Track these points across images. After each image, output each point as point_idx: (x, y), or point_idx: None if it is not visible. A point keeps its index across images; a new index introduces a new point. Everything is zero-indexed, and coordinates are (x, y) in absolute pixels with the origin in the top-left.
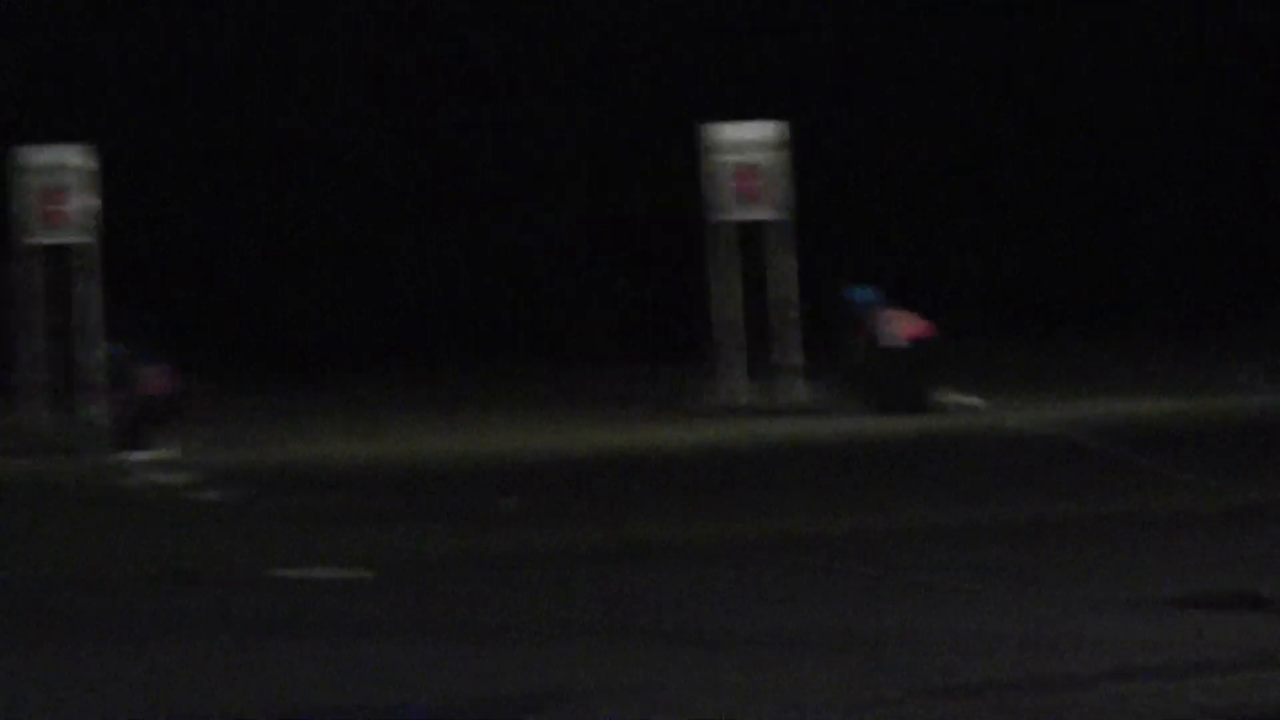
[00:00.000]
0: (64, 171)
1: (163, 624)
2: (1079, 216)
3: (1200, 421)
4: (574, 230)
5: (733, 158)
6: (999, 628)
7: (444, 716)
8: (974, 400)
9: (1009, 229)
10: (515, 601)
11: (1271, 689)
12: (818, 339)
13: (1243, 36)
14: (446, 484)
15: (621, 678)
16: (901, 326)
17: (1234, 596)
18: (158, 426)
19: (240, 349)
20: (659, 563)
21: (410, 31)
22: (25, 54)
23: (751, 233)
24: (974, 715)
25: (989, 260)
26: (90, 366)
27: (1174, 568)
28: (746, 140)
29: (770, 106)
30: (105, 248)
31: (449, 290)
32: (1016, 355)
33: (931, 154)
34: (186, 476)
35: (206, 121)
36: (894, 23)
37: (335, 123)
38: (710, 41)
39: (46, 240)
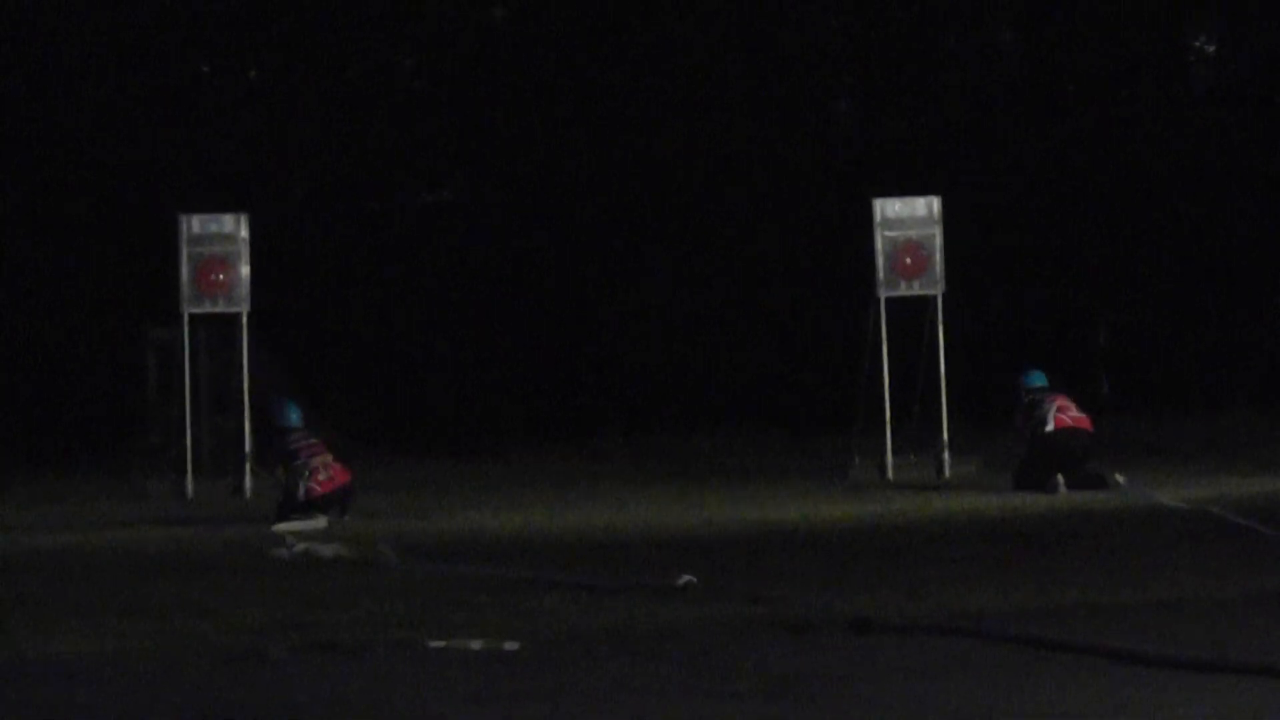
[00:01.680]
0: (224, 240)
1: (311, 695)
2: (1225, 291)
3: None
4: (730, 301)
5: (898, 233)
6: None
7: None
8: (1119, 478)
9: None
10: (666, 673)
11: None
12: (969, 414)
13: None
14: (599, 556)
15: None
16: (1069, 416)
17: None
18: (323, 513)
19: (386, 420)
20: (815, 638)
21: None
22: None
23: (906, 306)
24: None
25: (1132, 333)
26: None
27: None
28: (911, 216)
29: (918, 181)
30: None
31: (601, 362)
32: (1161, 430)
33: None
34: (340, 547)
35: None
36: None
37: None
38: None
39: (207, 309)
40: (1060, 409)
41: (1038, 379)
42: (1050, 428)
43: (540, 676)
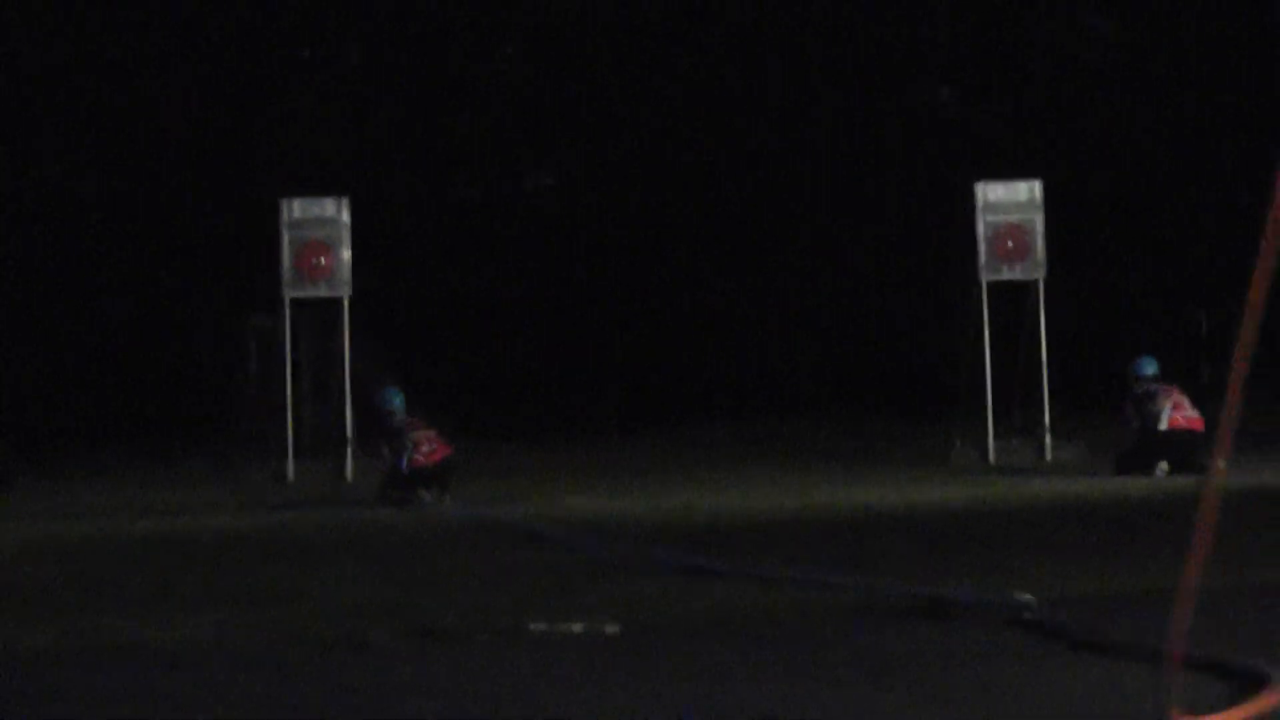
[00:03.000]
0: (324, 224)
1: (412, 680)
2: None
3: None
4: (835, 287)
5: (999, 217)
6: None
7: None
8: (1221, 464)
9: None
10: (767, 657)
11: None
12: (1070, 399)
13: None
14: (700, 540)
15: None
16: (1182, 415)
17: None
18: (424, 489)
19: (485, 405)
20: (913, 623)
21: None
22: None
23: (1008, 291)
24: None
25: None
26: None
27: None
28: (1012, 200)
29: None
30: (358, 301)
31: (705, 348)
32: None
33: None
34: (444, 529)
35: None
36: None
37: (586, 173)
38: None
39: (308, 294)
40: (1175, 407)
41: (1149, 366)
42: (1164, 426)
43: (641, 660)
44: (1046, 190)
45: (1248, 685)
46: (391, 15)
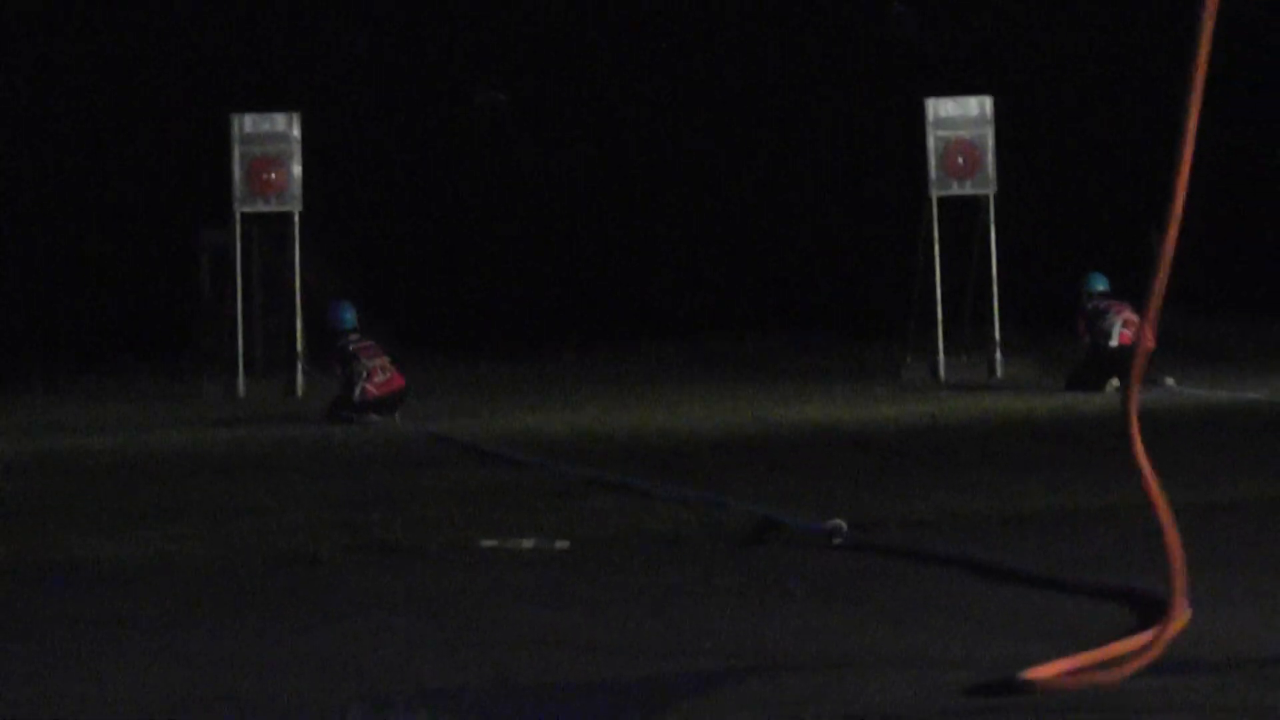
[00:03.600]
0: (275, 139)
1: (363, 594)
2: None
3: None
4: (783, 203)
5: (949, 133)
6: None
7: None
8: (1169, 380)
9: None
10: (716, 577)
11: None
12: (1021, 315)
13: None
14: (653, 458)
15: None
16: (1131, 332)
17: None
18: (375, 414)
19: (437, 322)
20: (865, 541)
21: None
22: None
23: (958, 207)
24: None
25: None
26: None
27: None
28: (963, 116)
29: (972, 82)
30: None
31: (653, 266)
32: (1214, 333)
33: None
34: (397, 447)
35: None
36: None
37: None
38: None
39: (259, 209)
40: (1126, 323)
41: (1099, 282)
42: (1114, 343)
43: (590, 576)
44: (998, 106)
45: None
46: None
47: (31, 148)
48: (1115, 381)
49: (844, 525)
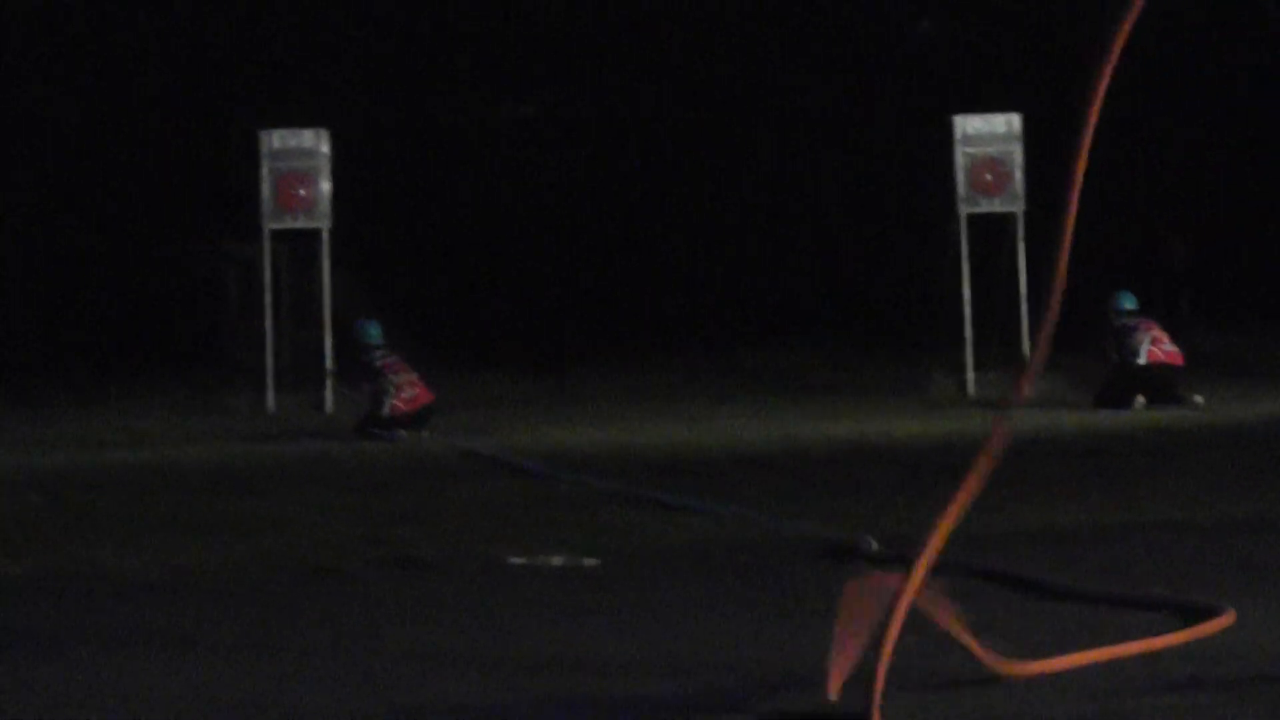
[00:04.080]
0: (305, 155)
1: (391, 610)
2: None
3: None
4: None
5: (978, 149)
6: None
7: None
8: (1197, 398)
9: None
10: (744, 591)
11: None
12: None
13: None
14: (676, 472)
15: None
16: (1161, 350)
17: None
18: (402, 429)
19: (466, 336)
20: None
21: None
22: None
23: (988, 225)
24: None
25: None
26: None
27: None
28: (991, 133)
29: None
30: (338, 232)
31: (683, 279)
32: (1244, 349)
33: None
34: (425, 463)
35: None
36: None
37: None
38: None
39: (288, 225)
40: (1155, 341)
41: (1128, 301)
42: (1143, 361)
43: (618, 593)
44: (1027, 123)
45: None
46: None
47: (61, 162)
48: (1142, 398)
49: (872, 541)
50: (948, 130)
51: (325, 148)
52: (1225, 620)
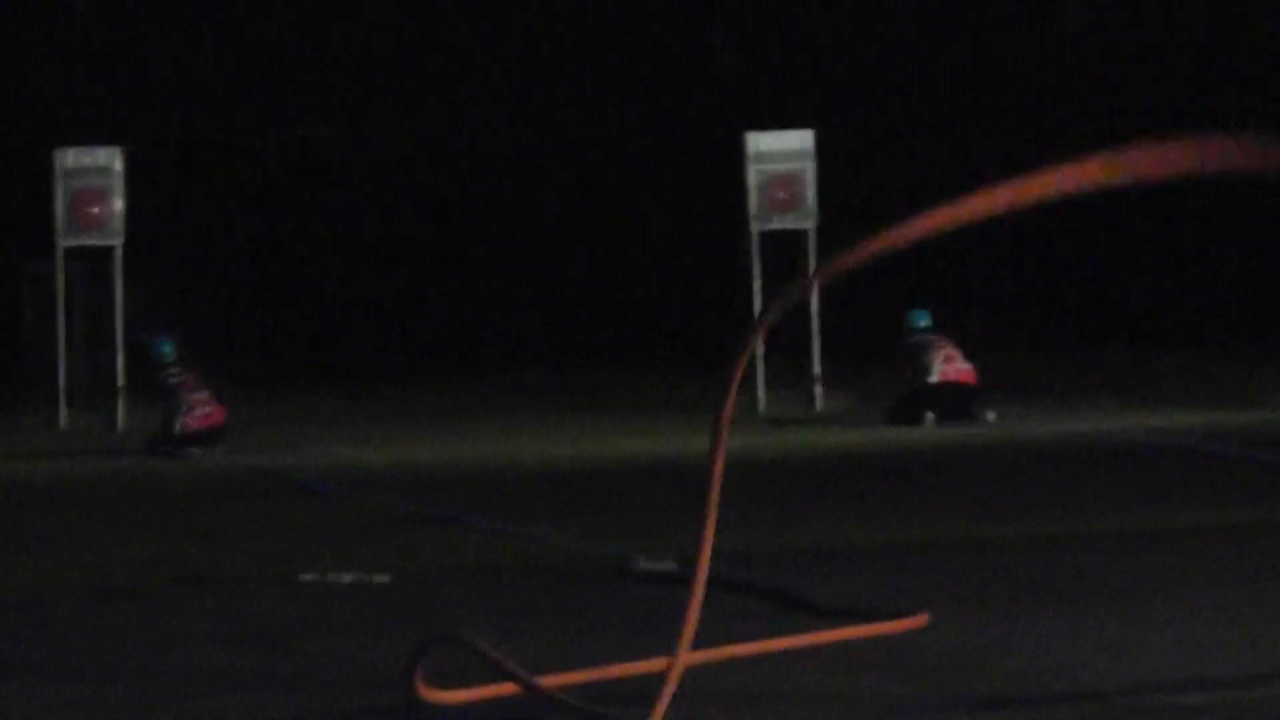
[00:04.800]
0: (99, 174)
1: (180, 629)
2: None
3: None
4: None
5: (770, 167)
6: None
7: None
8: (990, 415)
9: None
10: (534, 607)
11: None
12: (842, 349)
13: None
14: (471, 491)
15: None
16: (953, 368)
17: None
18: (199, 447)
19: (261, 354)
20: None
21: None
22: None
23: (783, 241)
24: None
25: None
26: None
27: None
28: (783, 150)
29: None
30: (134, 250)
31: (482, 298)
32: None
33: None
34: (218, 481)
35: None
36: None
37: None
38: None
39: (81, 242)
40: (947, 359)
41: (921, 318)
42: (934, 379)
43: (409, 611)
44: (822, 139)
45: None
46: None
47: None
48: (932, 415)
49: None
50: (740, 148)
51: (119, 165)
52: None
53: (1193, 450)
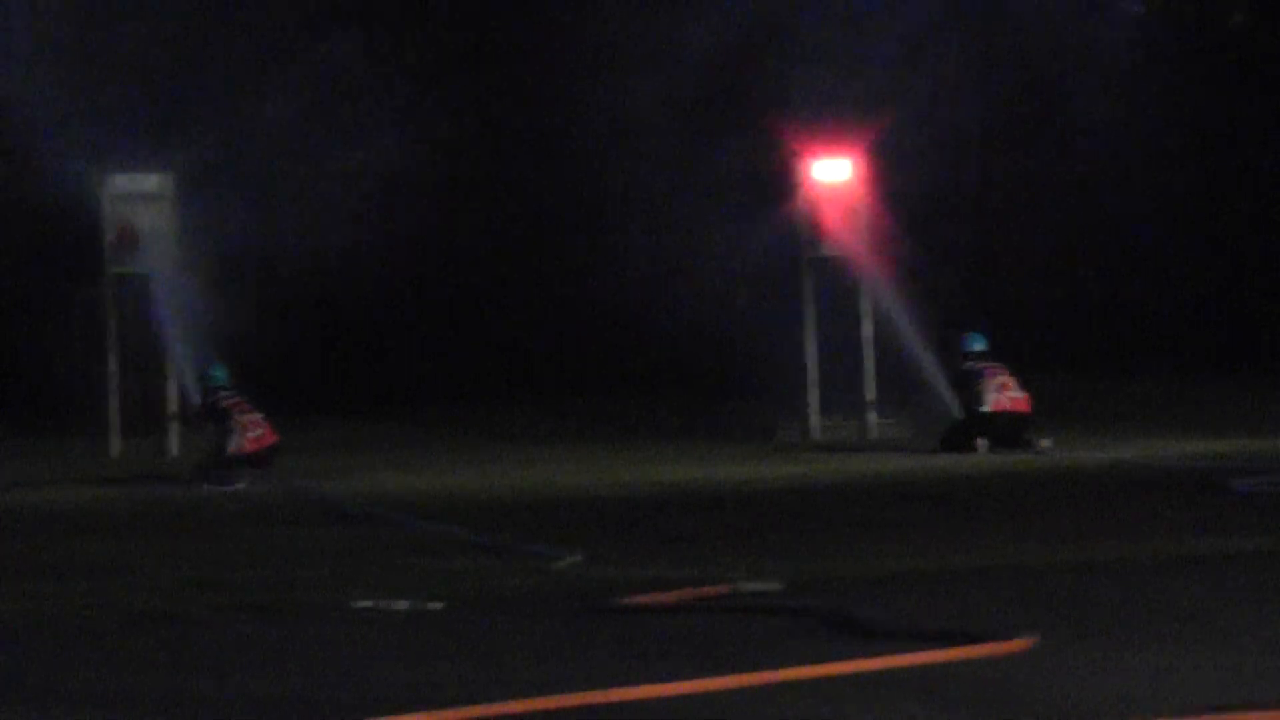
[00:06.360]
0: (148, 199)
1: (235, 655)
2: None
3: None
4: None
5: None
6: None
7: None
8: (1044, 443)
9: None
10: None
11: None
12: (896, 376)
13: None
14: (529, 519)
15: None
16: (1006, 397)
17: None
18: (254, 468)
19: (306, 380)
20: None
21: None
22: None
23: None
24: None
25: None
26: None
27: None
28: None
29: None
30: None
31: (526, 326)
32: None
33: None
34: (264, 506)
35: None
36: None
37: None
38: None
39: (128, 268)
40: (1001, 387)
41: (977, 342)
42: (988, 409)
43: (461, 636)
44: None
45: None
46: None
47: None
48: (985, 442)
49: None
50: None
51: (169, 192)
52: None
53: (1239, 475)
